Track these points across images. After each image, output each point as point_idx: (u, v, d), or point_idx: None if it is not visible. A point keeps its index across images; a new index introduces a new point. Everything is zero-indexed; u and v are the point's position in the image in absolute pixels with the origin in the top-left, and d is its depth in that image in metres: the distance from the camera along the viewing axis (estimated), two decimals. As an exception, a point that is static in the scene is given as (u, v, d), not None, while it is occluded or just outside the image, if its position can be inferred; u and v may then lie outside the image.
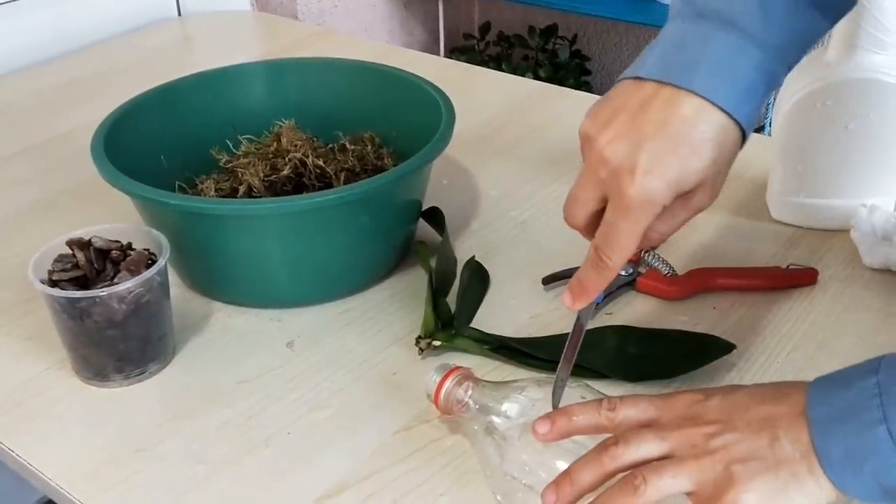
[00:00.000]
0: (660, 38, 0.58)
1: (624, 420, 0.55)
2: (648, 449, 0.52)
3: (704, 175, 0.55)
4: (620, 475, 0.53)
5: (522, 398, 0.61)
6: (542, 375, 0.70)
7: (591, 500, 0.53)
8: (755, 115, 0.56)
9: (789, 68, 0.58)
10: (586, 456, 0.54)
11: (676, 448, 0.52)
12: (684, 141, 0.54)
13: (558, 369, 0.61)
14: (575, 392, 0.61)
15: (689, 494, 0.51)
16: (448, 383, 0.64)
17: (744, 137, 0.56)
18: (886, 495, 0.49)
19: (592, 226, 0.58)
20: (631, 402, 0.56)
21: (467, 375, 0.65)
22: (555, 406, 0.59)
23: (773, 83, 0.57)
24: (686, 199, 0.56)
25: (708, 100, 0.54)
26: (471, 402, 0.63)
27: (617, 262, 0.57)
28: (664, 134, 0.54)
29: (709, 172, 0.55)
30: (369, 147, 0.91)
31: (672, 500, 0.52)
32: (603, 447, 0.53)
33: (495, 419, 0.61)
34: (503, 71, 1.86)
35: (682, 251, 0.85)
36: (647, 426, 0.54)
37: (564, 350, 0.62)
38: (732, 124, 0.55)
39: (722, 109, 0.54)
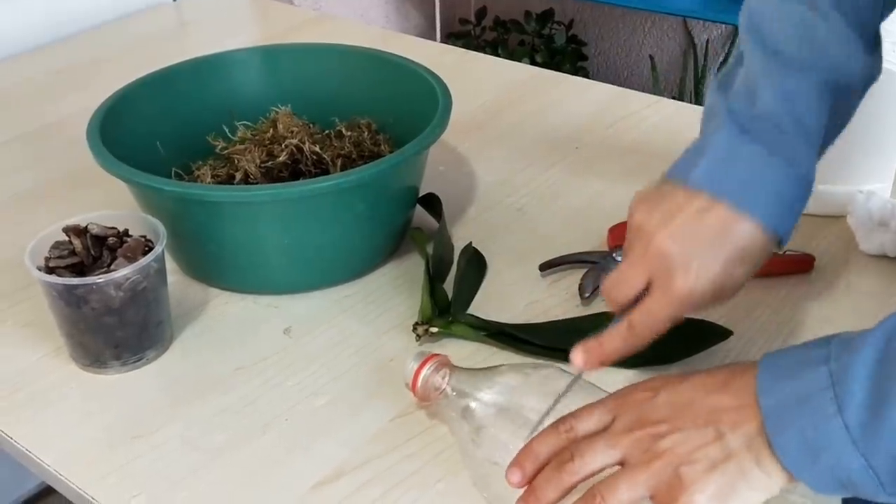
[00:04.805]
0: (706, 146, 0.62)
1: (584, 433, 0.55)
2: (603, 459, 0.53)
3: (743, 281, 0.61)
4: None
5: (499, 384, 0.62)
6: (520, 361, 0.70)
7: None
8: (795, 225, 0.62)
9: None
10: (546, 472, 0.54)
11: (628, 454, 0.53)
12: (733, 257, 0.59)
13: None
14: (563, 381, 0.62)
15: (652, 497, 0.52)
16: (425, 370, 0.64)
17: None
18: (843, 488, 0.48)
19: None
20: (586, 414, 0.56)
21: (444, 362, 0.65)
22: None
23: (809, 193, 0.62)
24: None
25: (760, 222, 0.59)
26: (448, 389, 0.63)
27: (649, 339, 0.61)
28: (718, 247, 0.59)
29: (743, 281, 0.61)
30: (366, 133, 0.91)
31: None
32: (560, 464, 0.54)
33: (472, 404, 0.61)
34: (499, 56, 1.86)
35: (678, 237, 0.85)
36: (604, 430, 0.55)
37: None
38: (775, 241, 0.61)
39: (770, 229, 0.59)
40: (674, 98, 2.01)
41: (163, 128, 0.90)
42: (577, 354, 0.61)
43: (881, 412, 0.46)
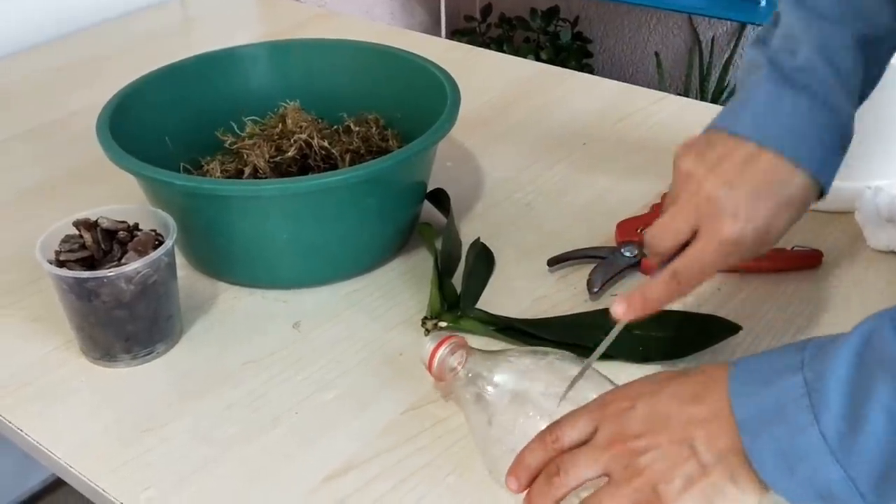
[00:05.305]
0: (749, 96, 0.64)
1: (569, 444, 0.56)
2: (586, 473, 0.55)
3: (785, 230, 0.62)
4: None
5: (513, 367, 0.63)
6: (535, 346, 0.70)
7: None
8: (835, 174, 0.64)
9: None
10: (537, 485, 0.56)
11: (610, 469, 0.54)
12: (780, 203, 0.60)
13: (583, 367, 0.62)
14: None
15: None
16: (442, 351, 0.65)
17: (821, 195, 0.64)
18: (821, 500, 0.48)
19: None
20: (570, 424, 0.57)
21: (460, 344, 0.66)
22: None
23: (849, 143, 0.64)
24: None
25: (805, 169, 0.61)
26: (463, 370, 0.64)
27: (692, 288, 0.62)
28: (766, 193, 0.60)
29: (786, 229, 0.62)
30: (374, 128, 0.91)
31: None
32: (548, 477, 0.55)
33: (486, 386, 0.62)
34: (505, 53, 1.86)
35: (686, 233, 0.85)
36: (588, 440, 0.56)
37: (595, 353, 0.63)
38: (818, 188, 0.62)
39: (814, 177, 0.61)
40: (679, 95, 2.01)
41: (171, 123, 0.90)
42: (619, 304, 0.61)
43: (858, 421, 0.46)
